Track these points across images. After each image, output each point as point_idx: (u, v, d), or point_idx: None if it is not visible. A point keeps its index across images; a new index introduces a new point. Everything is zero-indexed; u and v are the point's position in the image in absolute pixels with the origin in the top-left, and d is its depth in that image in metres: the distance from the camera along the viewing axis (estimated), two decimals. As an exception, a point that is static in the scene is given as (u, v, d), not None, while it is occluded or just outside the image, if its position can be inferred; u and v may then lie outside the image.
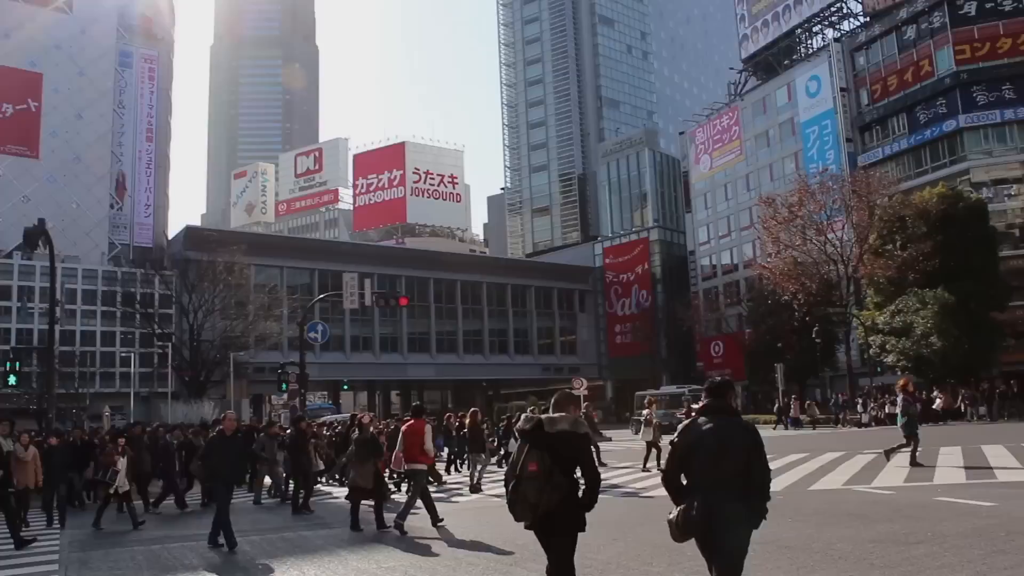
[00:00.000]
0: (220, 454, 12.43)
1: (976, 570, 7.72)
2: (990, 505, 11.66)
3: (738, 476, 5.24)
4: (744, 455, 5.29)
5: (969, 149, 59.33)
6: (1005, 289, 49.28)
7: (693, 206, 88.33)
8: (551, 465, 5.60)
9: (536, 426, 5.79)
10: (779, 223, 51.42)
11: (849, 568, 8.03)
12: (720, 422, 5.41)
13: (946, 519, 10.64)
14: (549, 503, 5.54)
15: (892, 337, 45.22)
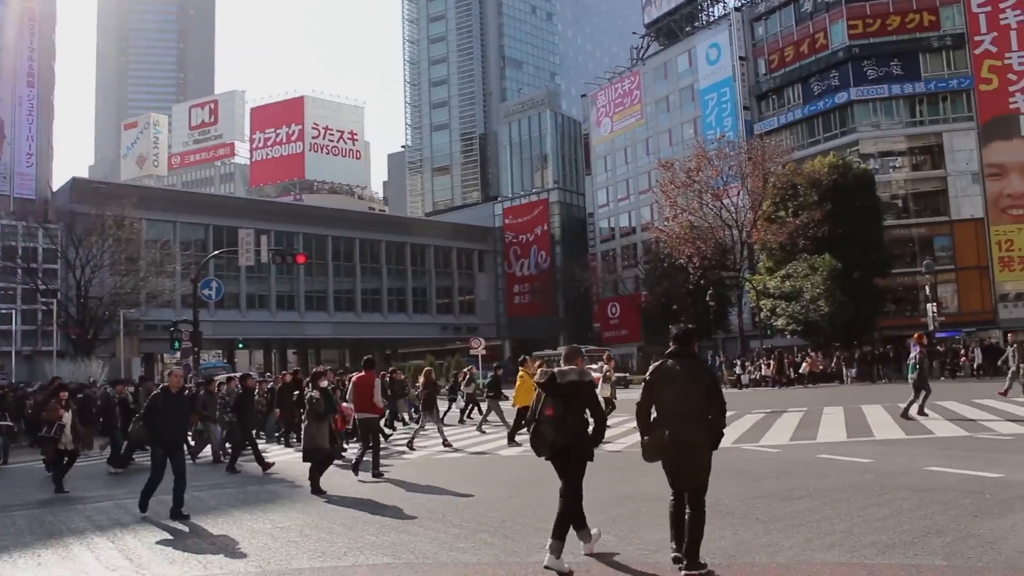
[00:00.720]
0: (164, 414, 10.99)
1: (852, 522, 8.05)
2: (867, 461, 12.17)
3: (700, 408, 6.46)
4: (705, 391, 6.49)
5: (859, 121, 61.32)
6: (888, 257, 51.44)
7: (593, 168, 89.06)
8: (564, 409, 6.88)
9: (550, 378, 7.05)
10: (677, 187, 52.26)
11: (735, 523, 8.25)
12: (685, 363, 6.64)
13: (827, 475, 11.07)
14: (564, 440, 6.86)
15: (782, 301, 46.64)
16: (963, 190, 58.66)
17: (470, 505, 10.56)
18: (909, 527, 7.68)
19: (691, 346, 6.82)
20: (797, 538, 7.49)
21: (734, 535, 7.75)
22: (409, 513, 10.13)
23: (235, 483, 14.55)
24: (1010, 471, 10.55)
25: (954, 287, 57.57)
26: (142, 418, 11.51)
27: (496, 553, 7.73)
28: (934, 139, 60.19)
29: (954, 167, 58.98)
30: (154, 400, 11.26)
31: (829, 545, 7.18)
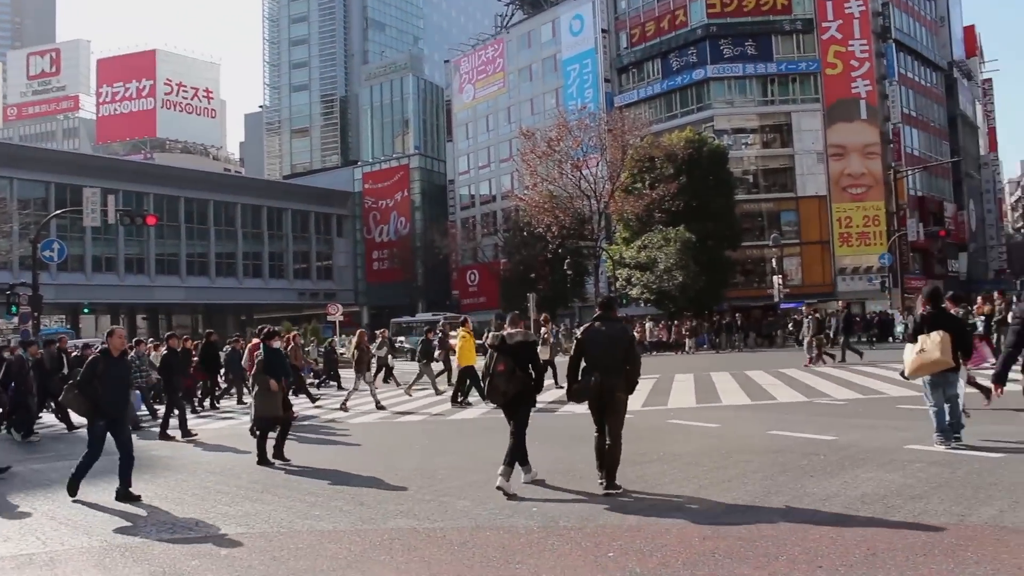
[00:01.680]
0: (106, 381, 9.46)
1: (700, 484, 8.30)
2: (715, 426, 12.61)
3: (620, 361, 8.19)
4: (624, 347, 8.27)
5: (714, 98, 63.11)
6: (738, 230, 53.30)
7: (455, 135, 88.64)
8: (513, 365, 8.49)
9: (502, 340, 8.69)
10: (538, 156, 52.48)
11: (589, 487, 8.34)
12: (609, 325, 8.42)
13: (677, 440, 11.38)
14: (514, 389, 8.46)
15: (638, 271, 47.65)
16: (808, 168, 61.34)
17: (328, 473, 10.33)
18: (751, 488, 7.94)
19: (613, 312, 8.66)
20: (649, 500, 7.64)
21: (588, 499, 7.85)
22: (265, 482, 9.78)
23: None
24: (842, 434, 11.04)
25: (798, 260, 60.24)
26: (78, 386, 9.55)
27: (352, 520, 7.59)
28: (783, 118, 62.61)
29: (801, 146, 61.54)
30: (93, 365, 9.53)
31: (678, 507, 7.37)
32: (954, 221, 71.19)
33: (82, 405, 9.51)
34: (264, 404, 11.62)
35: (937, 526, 6.24)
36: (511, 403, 8.57)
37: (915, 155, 65.10)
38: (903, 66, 65.78)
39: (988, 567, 5.19)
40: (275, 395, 11.62)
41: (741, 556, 5.71)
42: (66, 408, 14.34)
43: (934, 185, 70.21)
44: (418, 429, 14.83)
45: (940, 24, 77.45)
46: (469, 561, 6.00)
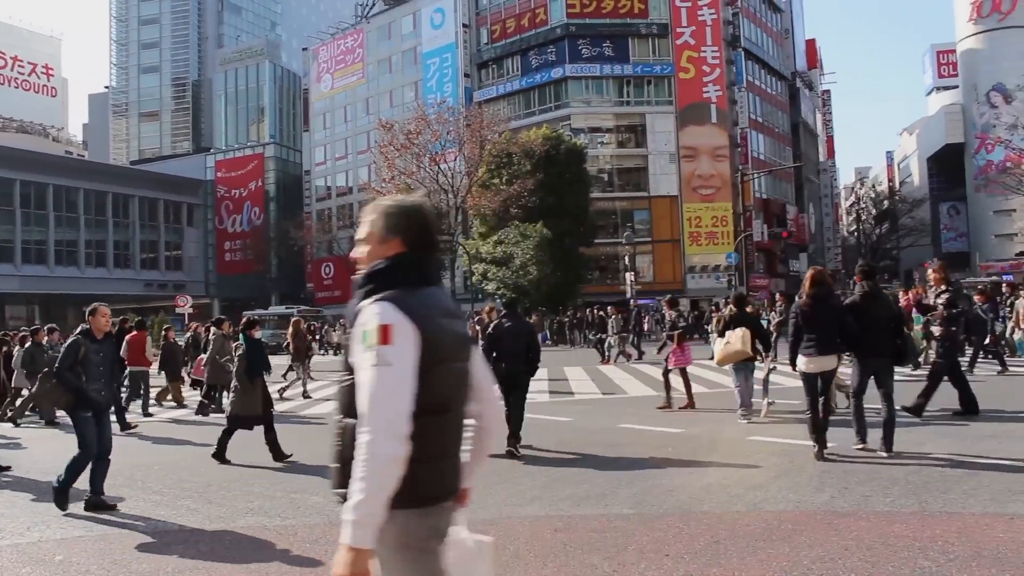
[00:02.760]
0: (90, 367, 8.17)
1: (552, 477, 8.40)
2: (567, 420, 12.80)
3: (524, 351, 10.12)
4: (527, 340, 10.27)
5: (572, 97, 64.13)
6: (593, 228, 54.29)
7: (312, 125, 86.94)
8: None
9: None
10: (396, 149, 51.97)
11: None
12: (514, 321, 10.44)
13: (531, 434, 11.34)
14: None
15: (494, 266, 47.86)
16: (661, 169, 63.13)
17: (176, 469, 9.91)
18: (602, 480, 8.07)
19: (515, 310, 10.98)
20: (501, 494, 7.63)
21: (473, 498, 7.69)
22: (110, 480, 9.16)
23: None
24: (689, 426, 11.41)
25: (650, 258, 61.92)
26: (57, 374, 8.08)
27: (200, 519, 7.29)
28: (638, 119, 64.24)
29: (654, 147, 63.29)
30: (74, 349, 8.14)
31: (530, 499, 7.40)
32: (795, 223, 74.70)
33: (62, 397, 8.10)
34: (244, 402, 10.27)
35: (776, 513, 6.52)
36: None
37: (761, 159, 67.98)
38: (751, 74, 68.57)
39: (820, 549, 5.46)
40: (256, 392, 10.35)
41: (592, 547, 5.79)
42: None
43: (778, 188, 73.48)
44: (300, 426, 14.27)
45: (785, 36, 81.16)
46: (323, 557, 5.84)
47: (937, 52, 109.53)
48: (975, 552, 5.27)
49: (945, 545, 5.44)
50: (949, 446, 8.88)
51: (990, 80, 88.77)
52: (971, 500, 6.66)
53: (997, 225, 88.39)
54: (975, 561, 5.08)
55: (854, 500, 6.83)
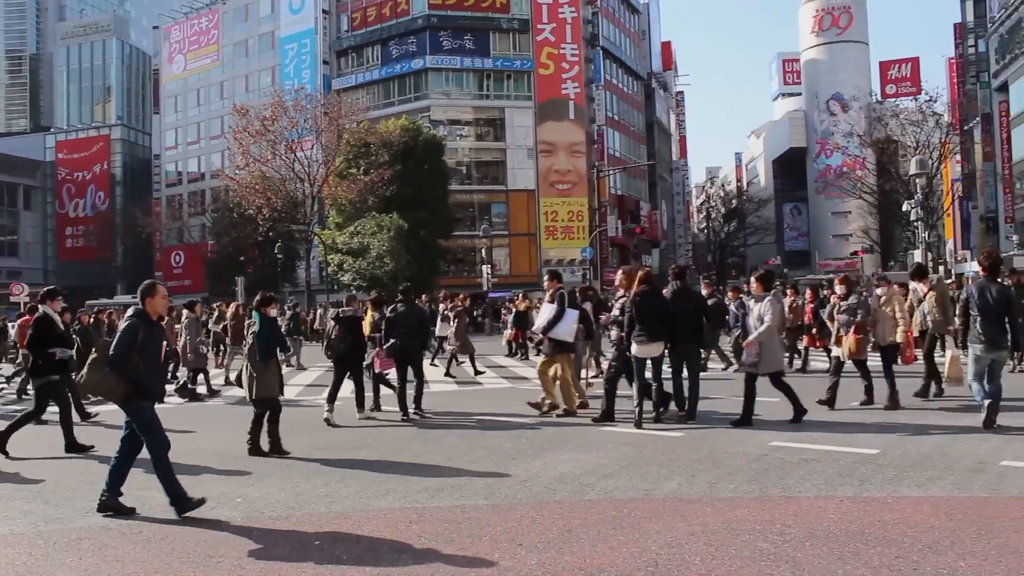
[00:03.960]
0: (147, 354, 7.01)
1: (407, 469, 8.43)
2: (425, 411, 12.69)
3: (417, 331, 12.40)
4: (420, 321, 12.55)
5: (432, 88, 64.00)
6: (451, 220, 54.37)
7: (162, 107, 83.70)
8: (344, 332, 11.97)
9: (337, 315, 12.27)
10: (251, 136, 50.65)
11: (295, 475, 8.27)
12: (409, 306, 12.45)
13: (385, 426, 11.54)
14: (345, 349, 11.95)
15: (350, 257, 47.30)
16: (519, 163, 63.81)
17: (15, 467, 9.32)
18: (457, 472, 8.14)
19: (411, 296, 12.87)
20: (355, 487, 7.60)
21: (293, 488, 7.67)
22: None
23: None
24: (542, 417, 11.64)
25: (507, 251, 62.55)
26: (113, 362, 6.86)
27: (34, 520, 6.85)
28: (497, 113, 64.71)
29: (513, 141, 63.91)
30: (132, 334, 6.92)
31: (384, 492, 7.36)
32: (648, 220, 76.92)
33: (118, 387, 6.89)
34: (264, 385, 9.52)
35: (627, 501, 6.73)
36: (343, 359, 12.01)
37: (616, 156, 69.61)
38: (608, 73, 70.10)
39: (668, 535, 5.67)
40: (275, 374, 9.72)
41: (446, 538, 5.83)
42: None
43: (632, 185, 75.44)
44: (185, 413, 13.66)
45: (642, 37, 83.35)
46: (168, 558, 5.65)
47: (783, 60, 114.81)
48: (809, 533, 5.60)
49: (783, 527, 5.75)
50: (790, 436, 9.31)
51: (830, 89, 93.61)
52: (806, 484, 7.06)
53: (835, 226, 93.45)
54: (809, 541, 5.41)
55: (700, 487, 7.11)
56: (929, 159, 45.00)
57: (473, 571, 5.12)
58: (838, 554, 5.14)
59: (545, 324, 11.39)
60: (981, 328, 9.45)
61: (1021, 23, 54.15)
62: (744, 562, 5.05)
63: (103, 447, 9.74)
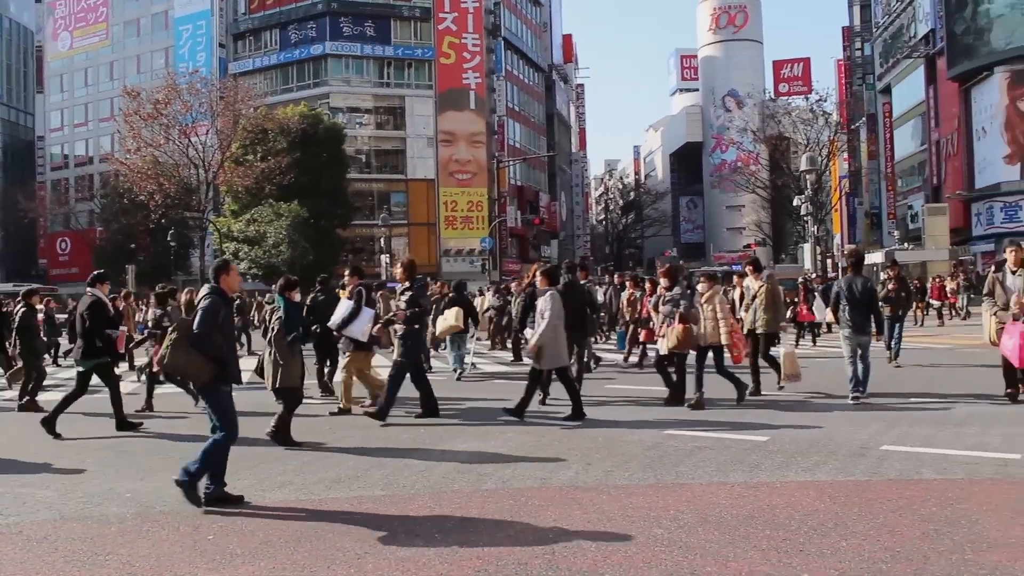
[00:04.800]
0: (226, 333, 6.91)
1: (304, 461, 8.26)
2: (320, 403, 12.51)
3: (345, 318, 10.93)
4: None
5: (331, 75, 63.19)
6: (350, 209, 53.87)
7: (46, 87, 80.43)
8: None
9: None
10: (143, 119, 48.97)
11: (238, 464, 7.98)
12: (328, 295, 12.82)
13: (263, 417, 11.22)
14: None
15: (246, 245, 46.46)
16: (419, 152, 63.58)
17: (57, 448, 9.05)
18: (354, 463, 8.07)
19: (328, 285, 13.04)
20: (250, 479, 7.43)
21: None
22: None
23: None
24: (441, 405, 11.51)
25: (406, 240, 62.21)
26: (201, 341, 6.54)
27: None
28: (398, 102, 64.30)
29: (413, 130, 63.62)
30: (214, 312, 6.62)
31: (280, 484, 7.27)
32: (548, 211, 77.60)
33: (204, 368, 6.57)
34: (290, 373, 9.17)
35: (524, 490, 6.80)
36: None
37: (516, 147, 69.97)
38: (510, 64, 70.34)
39: (564, 523, 5.78)
40: (299, 363, 9.33)
41: (343, 531, 5.79)
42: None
43: (532, 176, 75.95)
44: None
45: (544, 29, 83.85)
46: (51, 558, 5.44)
47: (681, 56, 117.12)
48: (702, 518, 5.78)
49: (676, 513, 5.93)
50: (684, 425, 9.53)
51: (725, 86, 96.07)
52: (699, 471, 7.26)
53: (729, 219, 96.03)
54: (701, 527, 5.58)
55: (596, 475, 7.23)
56: (818, 156, 46.69)
57: (369, 562, 5.10)
58: (729, 538, 5.31)
59: (339, 321, 11.10)
60: (849, 316, 11.12)
61: (902, 30, 56.60)
62: (639, 548, 5.18)
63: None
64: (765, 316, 11.77)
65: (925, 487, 6.52)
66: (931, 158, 52.71)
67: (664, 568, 4.82)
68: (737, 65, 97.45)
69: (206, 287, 6.87)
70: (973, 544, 5.07)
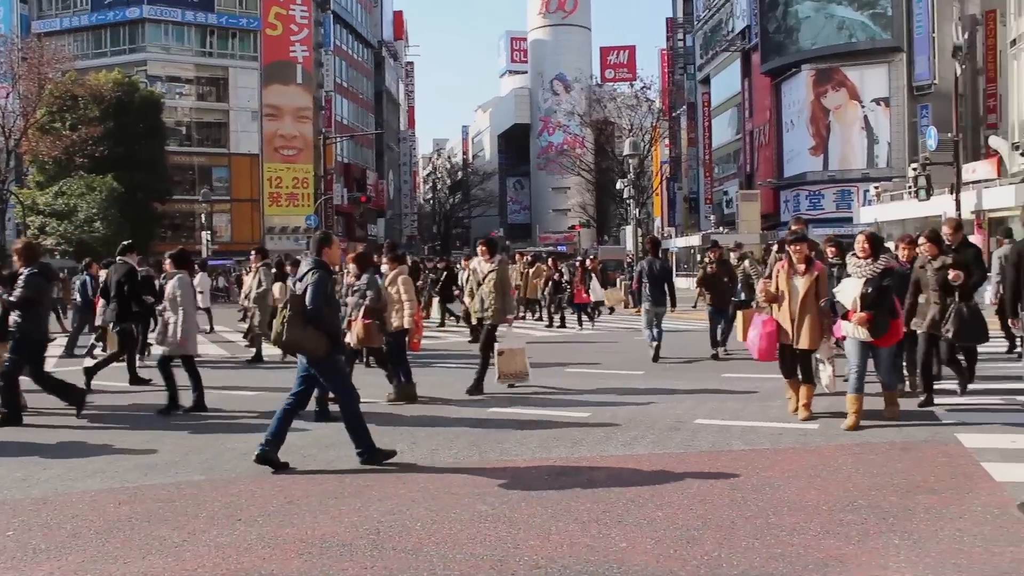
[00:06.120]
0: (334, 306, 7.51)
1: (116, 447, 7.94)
2: (123, 385, 12.15)
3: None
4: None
5: (149, 41, 60.16)
6: (169, 183, 51.64)
7: None
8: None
9: None
10: (-70, 78, 45.15)
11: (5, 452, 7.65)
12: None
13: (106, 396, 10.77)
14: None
15: (54, 219, 43.76)
16: (243, 126, 61.58)
17: None
18: (172, 448, 7.82)
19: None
20: (59, 468, 7.13)
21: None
22: None
23: None
24: (261, 385, 11.66)
25: (228, 217, 60.33)
26: (316, 315, 6.73)
27: None
28: (221, 72, 61.98)
29: (236, 103, 61.53)
30: (325, 284, 6.89)
31: (91, 473, 6.96)
32: (375, 189, 76.92)
33: (321, 341, 6.79)
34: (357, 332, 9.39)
35: (349, 470, 6.78)
36: None
37: (344, 123, 68.97)
38: (339, 38, 69.18)
39: (390, 502, 5.84)
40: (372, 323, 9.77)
41: (160, 518, 5.62)
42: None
43: (359, 154, 75.07)
44: None
45: (374, 5, 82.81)
46: None
47: (511, 38, 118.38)
48: (525, 494, 5.99)
49: (500, 490, 6.10)
50: (508, 404, 9.81)
51: (554, 69, 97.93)
52: (522, 448, 7.47)
53: (555, 201, 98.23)
54: (524, 502, 5.77)
55: (422, 454, 7.33)
56: (641, 142, 48.18)
57: (188, 549, 4.98)
58: (551, 512, 5.51)
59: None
60: (649, 291, 13.63)
61: (721, 24, 59.36)
62: (464, 525, 5.31)
63: None
64: (495, 306, 10.53)
65: (734, 457, 6.98)
66: (745, 147, 55.65)
67: (488, 543, 4.96)
68: (566, 49, 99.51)
69: (308, 260, 7.07)
70: (775, 508, 5.51)
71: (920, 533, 4.98)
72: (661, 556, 4.69)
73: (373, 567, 4.64)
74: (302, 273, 6.94)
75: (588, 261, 25.72)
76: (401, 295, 10.14)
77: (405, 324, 10.17)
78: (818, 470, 6.49)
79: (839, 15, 46.05)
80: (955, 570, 4.41)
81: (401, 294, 10.15)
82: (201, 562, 4.77)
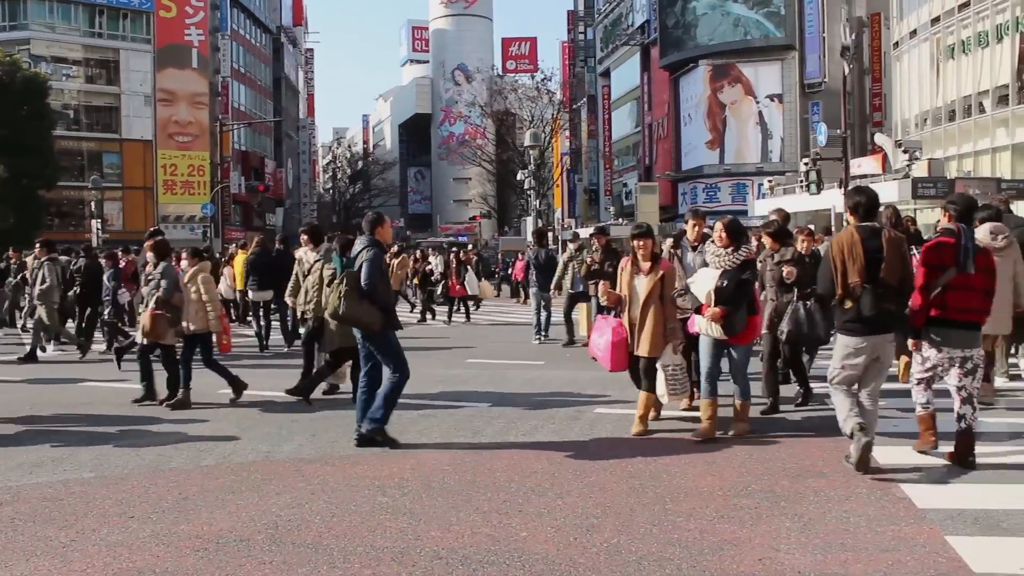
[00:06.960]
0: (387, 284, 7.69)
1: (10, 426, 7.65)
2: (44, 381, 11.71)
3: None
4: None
5: (32, 19, 57.62)
6: (56, 169, 49.55)
7: None
8: None
9: None
10: None
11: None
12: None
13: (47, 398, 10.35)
14: None
15: (-69, 207, 41.73)
16: (136, 111, 59.62)
17: None
18: (61, 443, 7.58)
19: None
20: None
21: None
22: None
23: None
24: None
25: (120, 205, 58.36)
26: (372, 291, 7.01)
27: None
28: (111, 54, 59.92)
29: (129, 86, 59.53)
30: (380, 261, 7.19)
31: None
32: (273, 178, 75.45)
33: (375, 317, 7.06)
34: (344, 332, 8.35)
35: (246, 464, 6.69)
36: None
37: (242, 110, 67.45)
38: (236, 22, 67.52)
39: (288, 495, 5.76)
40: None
41: (46, 517, 5.43)
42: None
43: (257, 142, 73.56)
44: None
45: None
46: None
47: (413, 27, 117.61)
48: (426, 484, 5.96)
49: (401, 481, 6.05)
50: (410, 395, 9.50)
51: (456, 60, 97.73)
52: (423, 438, 7.46)
53: (456, 191, 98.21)
54: (426, 493, 5.76)
55: (321, 447, 7.26)
56: (542, 133, 48.61)
57: (76, 549, 4.82)
58: (452, 503, 5.53)
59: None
60: (536, 278, 15.37)
61: (621, 18, 60.20)
62: (363, 517, 5.28)
63: None
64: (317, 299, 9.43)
65: (632, 446, 7.07)
66: (644, 140, 56.60)
67: (389, 535, 4.96)
68: (467, 40, 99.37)
69: (363, 239, 7.27)
70: (672, 495, 5.63)
71: (810, 515, 5.15)
72: (561, 544, 4.75)
73: (272, 562, 4.57)
74: (356, 251, 7.18)
75: (463, 252, 24.77)
76: (202, 295, 9.28)
77: (211, 327, 9.39)
78: (714, 456, 6.63)
79: (735, 12, 47.25)
80: (842, 549, 4.58)
81: (202, 294, 9.28)
82: (91, 562, 4.62)
